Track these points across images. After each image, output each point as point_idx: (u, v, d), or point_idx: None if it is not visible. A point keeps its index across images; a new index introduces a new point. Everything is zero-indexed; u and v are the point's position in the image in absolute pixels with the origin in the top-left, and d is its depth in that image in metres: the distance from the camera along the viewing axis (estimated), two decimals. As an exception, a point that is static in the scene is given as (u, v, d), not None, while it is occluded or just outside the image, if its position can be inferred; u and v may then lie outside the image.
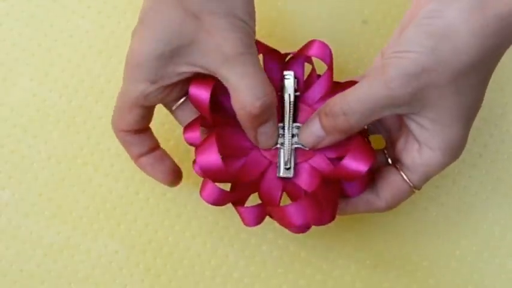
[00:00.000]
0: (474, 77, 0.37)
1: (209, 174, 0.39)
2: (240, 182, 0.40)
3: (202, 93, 0.39)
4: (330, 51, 0.42)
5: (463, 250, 0.48)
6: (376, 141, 0.43)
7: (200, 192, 0.40)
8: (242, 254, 0.47)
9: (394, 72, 0.36)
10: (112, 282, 0.47)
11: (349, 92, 0.38)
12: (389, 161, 0.41)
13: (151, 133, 0.43)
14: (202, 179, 0.40)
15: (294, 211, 0.38)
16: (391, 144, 0.42)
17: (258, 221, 0.41)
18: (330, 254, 0.47)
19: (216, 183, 0.40)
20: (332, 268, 0.47)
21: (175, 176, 0.43)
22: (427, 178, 0.40)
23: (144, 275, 0.47)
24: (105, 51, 0.49)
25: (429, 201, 0.48)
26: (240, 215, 0.41)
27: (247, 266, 0.47)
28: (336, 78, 0.42)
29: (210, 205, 0.40)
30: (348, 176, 0.39)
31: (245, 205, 0.41)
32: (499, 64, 0.38)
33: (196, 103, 0.40)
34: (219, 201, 0.40)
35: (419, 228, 0.48)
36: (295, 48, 0.44)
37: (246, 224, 0.41)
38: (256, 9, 0.39)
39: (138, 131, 0.41)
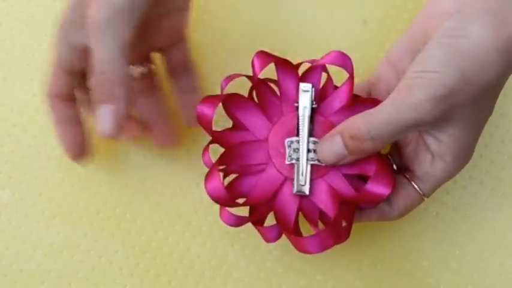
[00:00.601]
0: (493, 91, 0.37)
1: (219, 202, 0.39)
2: (255, 201, 0.40)
3: (207, 110, 0.40)
4: (351, 61, 0.41)
5: (463, 250, 0.48)
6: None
7: (219, 215, 0.41)
8: (242, 253, 0.47)
9: (422, 95, 0.35)
10: (112, 282, 0.47)
11: (375, 115, 0.37)
12: (394, 166, 0.42)
13: (78, 106, 0.44)
14: (202, 178, 0.40)
15: (313, 242, 0.38)
16: (397, 150, 0.42)
17: (279, 236, 0.41)
18: (330, 253, 0.47)
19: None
20: (332, 267, 0.47)
21: (81, 150, 0.44)
22: (437, 187, 0.40)
23: (144, 275, 0.47)
24: (105, 51, 0.49)
25: (429, 201, 0.48)
26: (260, 233, 0.41)
27: (247, 265, 0.47)
28: (336, 79, 0.42)
29: (210, 205, 0.40)
30: (371, 201, 0.39)
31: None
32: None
33: (201, 120, 0.40)
34: (238, 223, 0.41)
35: (420, 228, 0.48)
36: (295, 48, 0.44)
37: (267, 240, 0.41)
38: (254, 9, 0.39)
39: (65, 97, 0.43)
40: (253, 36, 0.49)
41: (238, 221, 0.41)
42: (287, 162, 0.40)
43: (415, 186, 0.40)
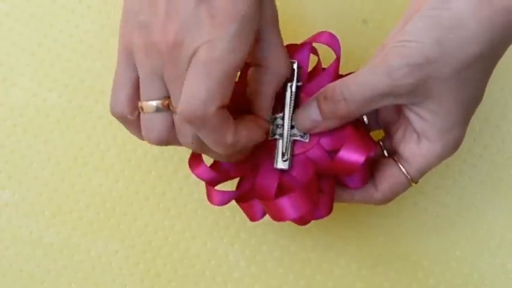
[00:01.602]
0: (478, 70, 0.36)
1: (207, 182, 0.40)
2: (238, 174, 0.40)
3: None
4: (339, 42, 0.41)
5: (463, 250, 0.48)
6: (373, 134, 0.42)
7: (207, 197, 0.41)
8: (242, 254, 0.47)
9: (396, 62, 0.36)
10: (112, 282, 0.47)
11: (350, 78, 0.37)
12: (385, 152, 0.41)
13: None
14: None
15: (287, 204, 0.37)
16: (388, 137, 0.42)
17: (264, 213, 0.40)
18: (330, 254, 0.47)
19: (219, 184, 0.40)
20: (332, 268, 0.47)
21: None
22: (424, 171, 0.39)
23: (144, 275, 0.47)
24: (105, 51, 0.49)
25: (429, 201, 0.48)
26: (245, 211, 0.41)
27: (247, 266, 0.47)
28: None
29: (210, 205, 0.40)
30: (346, 169, 0.38)
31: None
32: (499, 64, 0.38)
33: None
34: (225, 200, 0.40)
35: (420, 229, 0.48)
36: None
37: (252, 219, 0.41)
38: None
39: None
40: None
41: (226, 198, 0.40)
42: (270, 138, 0.40)
43: (401, 167, 0.39)
